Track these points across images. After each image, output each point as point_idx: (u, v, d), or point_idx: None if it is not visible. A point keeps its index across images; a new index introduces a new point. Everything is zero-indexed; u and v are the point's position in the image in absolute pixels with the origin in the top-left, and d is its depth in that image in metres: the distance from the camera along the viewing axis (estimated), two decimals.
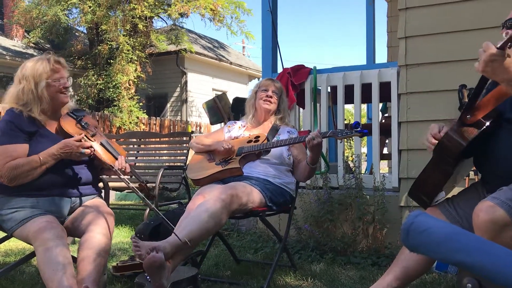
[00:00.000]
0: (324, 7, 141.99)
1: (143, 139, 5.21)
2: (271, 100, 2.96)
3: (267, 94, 2.96)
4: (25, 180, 2.24)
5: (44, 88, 2.31)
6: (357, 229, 3.34)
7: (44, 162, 2.24)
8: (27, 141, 2.31)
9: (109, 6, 12.77)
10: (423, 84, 3.32)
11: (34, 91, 2.31)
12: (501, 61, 1.56)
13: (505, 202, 1.62)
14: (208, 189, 2.62)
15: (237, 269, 3.09)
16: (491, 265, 1.31)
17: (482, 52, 1.60)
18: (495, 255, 1.34)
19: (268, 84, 3.01)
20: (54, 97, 2.37)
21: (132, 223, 4.96)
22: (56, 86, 2.35)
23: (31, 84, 2.31)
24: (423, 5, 3.35)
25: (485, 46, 1.59)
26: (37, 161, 2.23)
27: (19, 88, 2.33)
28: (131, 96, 13.25)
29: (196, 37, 18.41)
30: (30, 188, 2.27)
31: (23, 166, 2.22)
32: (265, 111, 2.97)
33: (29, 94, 2.32)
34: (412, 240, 1.46)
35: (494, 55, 1.56)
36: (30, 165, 2.23)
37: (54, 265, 2.00)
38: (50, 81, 2.33)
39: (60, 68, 2.38)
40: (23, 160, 2.23)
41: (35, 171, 2.24)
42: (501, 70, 1.58)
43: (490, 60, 1.57)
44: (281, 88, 3.06)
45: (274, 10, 4.27)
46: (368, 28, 6.65)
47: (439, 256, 1.42)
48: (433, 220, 1.48)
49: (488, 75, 1.63)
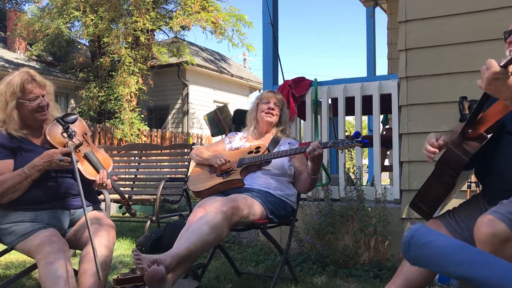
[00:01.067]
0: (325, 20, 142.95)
1: (144, 151, 5.22)
2: (273, 112, 2.96)
3: (269, 106, 2.96)
4: (13, 196, 2.21)
5: (13, 108, 2.23)
6: (359, 241, 3.32)
7: (28, 175, 2.20)
8: (11, 157, 2.26)
9: (111, 19, 12.87)
10: (423, 96, 3.33)
11: (6, 110, 2.25)
12: (504, 80, 1.54)
13: (506, 215, 1.62)
14: (209, 201, 2.62)
15: (239, 282, 3.08)
16: (491, 279, 1.31)
17: (485, 69, 1.57)
18: (496, 269, 1.33)
19: (269, 96, 3.01)
20: (28, 117, 2.30)
21: (133, 235, 4.95)
22: (29, 106, 2.26)
23: (3, 102, 2.24)
24: (423, 17, 3.38)
25: (488, 63, 1.56)
26: (21, 174, 2.19)
27: None
28: (132, 108, 13.29)
29: (198, 49, 18.51)
30: (27, 202, 2.26)
31: (8, 181, 2.18)
32: (267, 123, 2.97)
33: (2, 113, 2.26)
34: (413, 253, 1.46)
35: (497, 74, 1.54)
36: (15, 179, 2.19)
37: (56, 279, 2.00)
38: (22, 101, 2.24)
39: (35, 86, 2.27)
40: (7, 176, 2.20)
41: (21, 185, 2.20)
42: (505, 88, 1.55)
43: (494, 78, 1.55)
44: (283, 100, 3.07)
45: (275, 23, 4.30)
46: (368, 40, 6.70)
47: (440, 269, 1.42)
48: (434, 233, 1.47)
49: (491, 93, 1.61)
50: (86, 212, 2.42)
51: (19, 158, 2.28)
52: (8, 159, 2.26)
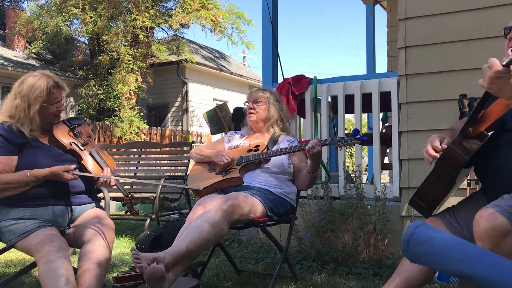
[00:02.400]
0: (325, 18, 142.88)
1: (143, 149, 5.22)
2: (252, 111, 2.95)
3: (249, 106, 2.98)
4: (11, 193, 2.24)
5: (37, 111, 2.30)
6: (359, 239, 3.33)
7: (30, 181, 2.23)
8: (15, 153, 2.29)
9: (110, 17, 12.85)
10: (423, 93, 3.33)
11: (26, 111, 2.30)
12: (506, 79, 1.53)
13: (506, 209, 1.61)
14: (209, 199, 2.62)
15: (238, 280, 3.08)
16: (491, 276, 1.30)
17: (487, 68, 1.56)
18: (495, 267, 1.33)
19: (249, 96, 3.02)
20: (47, 120, 2.38)
21: (133, 233, 4.95)
22: (51, 110, 2.35)
23: (25, 104, 2.29)
24: (422, 15, 3.37)
25: (490, 62, 1.55)
26: (24, 180, 2.22)
27: (14, 104, 2.32)
28: (132, 106, 13.28)
29: (197, 47, 18.49)
30: (30, 197, 2.28)
31: (9, 183, 2.22)
32: (252, 123, 2.98)
33: (21, 113, 2.31)
34: (412, 251, 1.45)
35: (499, 73, 1.52)
36: (17, 182, 2.23)
37: (55, 278, 2.00)
38: (45, 105, 2.32)
39: (59, 91, 2.36)
40: (11, 176, 2.23)
41: (20, 188, 2.24)
42: (507, 87, 1.54)
43: (496, 78, 1.53)
44: (268, 95, 2.98)
45: (274, 21, 4.30)
46: (368, 38, 6.69)
47: (440, 267, 1.41)
48: (434, 231, 1.47)
49: (493, 92, 1.60)
50: (86, 210, 2.45)
51: (25, 154, 2.31)
52: (13, 155, 2.29)
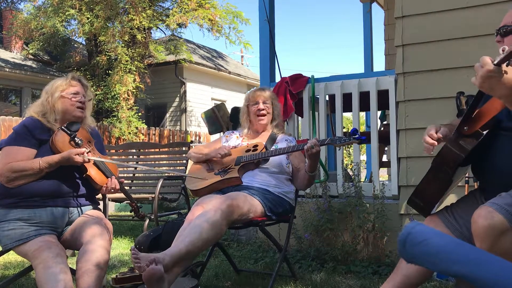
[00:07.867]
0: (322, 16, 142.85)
1: (142, 149, 5.21)
2: (264, 112, 2.95)
3: (258, 107, 2.95)
4: (26, 181, 2.30)
5: (57, 99, 2.47)
6: (358, 237, 3.33)
7: (43, 168, 2.31)
8: (36, 147, 2.38)
9: (107, 17, 12.81)
10: (421, 91, 3.33)
11: (50, 101, 2.47)
12: (498, 78, 1.53)
13: (504, 207, 1.61)
14: (208, 199, 2.61)
15: (237, 279, 3.08)
16: (487, 276, 1.30)
17: (479, 67, 1.56)
18: (491, 267, 1.33)
19: (257, 96, 2.99)
20: (67, 110, 2.48)
21: (132, 234, 4.94)
22: (69, 99, 2.48)
23: (49, 95, 2.49)
24: (419, 13, 3.38)
25: (482, 61, 1.54)
26: (36, 167, 2.30)
27: (42, 100, 2.52)
28: (130, 106, 13.26)
29: (195, 47, 18.47)
30: (27, 199, 2.29)
31: (23, 170, 2.29)
32: (262, 126, 2.98)
33: (46, 105, 2.48)
34: (409, 251, 1.45)
35: (491, 72, 1.52)
36: (30, 170, 2.30)
37: (54, 282, 2.01)
38: (64, 94, 2.48)
39: (77, 84, 2.56)
40: (24, 164, 2.30)
41: (34, 176, 2.31)
42: (499, 86, 1.54)
43: (487, 77, 1.53)
44: (271, 94, 3.03)
45: (271, 20, 4.29)
46: (365, 36, 6.68)
47: (436, 267, 1.41)
48: (430, 232, 1.47)
49: (485, 90, 1.60)
50: (85, 212, 2.45)
51: (43, 150, 2.39)
52: (34, 148, 2.38)
